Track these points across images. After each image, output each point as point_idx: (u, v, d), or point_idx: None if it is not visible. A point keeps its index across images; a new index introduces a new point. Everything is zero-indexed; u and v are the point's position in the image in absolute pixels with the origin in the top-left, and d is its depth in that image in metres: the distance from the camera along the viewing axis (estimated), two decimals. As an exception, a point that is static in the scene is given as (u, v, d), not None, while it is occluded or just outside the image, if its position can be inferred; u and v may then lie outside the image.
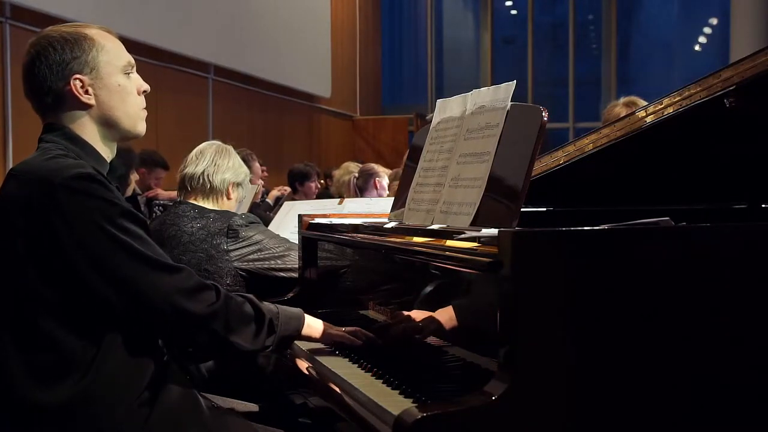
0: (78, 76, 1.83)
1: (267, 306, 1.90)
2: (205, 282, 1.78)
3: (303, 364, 2.06)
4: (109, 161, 1.90)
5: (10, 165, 5.95)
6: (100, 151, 1.87)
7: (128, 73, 1.90)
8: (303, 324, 1.99)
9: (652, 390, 1.46)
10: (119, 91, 1.87)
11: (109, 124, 1.87)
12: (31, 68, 1.85)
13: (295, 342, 2.07)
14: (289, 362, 2.13)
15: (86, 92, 1.83)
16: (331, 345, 2.08)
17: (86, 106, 1.84)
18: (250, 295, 1.92)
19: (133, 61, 1.93)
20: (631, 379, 1.46)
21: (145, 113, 1.94)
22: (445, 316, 1.78)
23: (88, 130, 1.85)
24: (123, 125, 1.88)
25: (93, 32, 1.88)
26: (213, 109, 8.53)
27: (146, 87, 1.93)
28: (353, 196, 5.15)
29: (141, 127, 1.93)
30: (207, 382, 2.37)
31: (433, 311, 1.82)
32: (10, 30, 5.94)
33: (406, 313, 1.96)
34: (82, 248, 1.67)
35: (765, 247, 1.55)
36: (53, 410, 1.67)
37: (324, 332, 2.04)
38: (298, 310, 2.01)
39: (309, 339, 2.04)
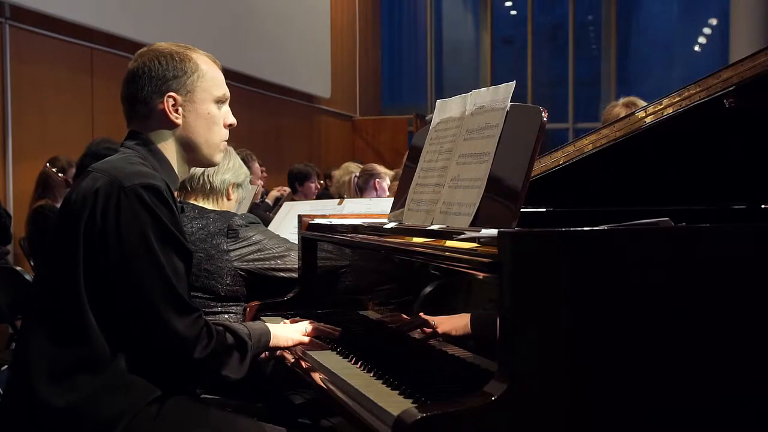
0: (173, 94, 1.90)
1: (241, 329, 1.93)
2: (202, 321, 1.81)
3: (303, 365, 2.06)
4: (180, 180, 1.97)
5: (10, 165, 5.96)
6: (175, 169, 1.93)
7: (220, 104, 1.97)
8: (270, 338, 2.02)
9: (651, 390, 1.46)
10: (207, 119, 1.94)
11: (188, 147, 1.94)
12: (133, 76, 1.92)
13: None
14: (288, 362, 2.13)
15: (176, 111, 1.90)
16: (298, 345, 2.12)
17: (173, 125, 1.92)
18: (226, 322, 1.97)
19: (228, 95, 2.00)
20: (630, 380, 1.46)
21: (225, 145, 2.01)
22: (445, 316, 1.78)
23: (168, 147, 1.93)
24: (202, 151, 1.96)
25: (200, 58, 1.95)
26: (213, 109, 8.51)
27: (233, 121, 2.00)
28: (354, 196, 5.15)
29: (218, 158, 2.00)
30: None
31: (433, 312, 1.83)
32: (9, 30, 5.93)
33: (405, 313, 1.96)
34: (121, 252, 1.73)
35: (764, 247, 1.55)
36: (66, 409, 1.70)
37: (289, 339, 2.07)
38: (263, 325, 2.04)
39: (276, 348, 2.07)
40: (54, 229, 1.86)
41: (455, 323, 1.74)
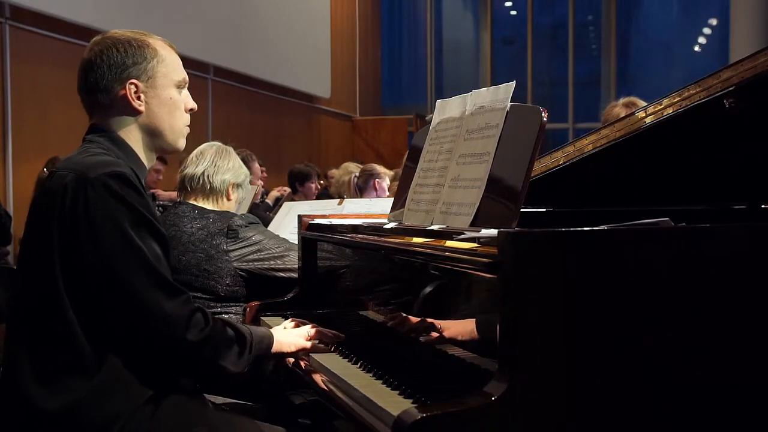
0: (134, 81, 1.87)
1: (241, 326, 1.91)
2: (195, 306, 1.78)
3: (303, 365, 2.06)
4: (148, 168, 1.94)
5: (10, 165, 5.96)
6: (140, 157, 1.91)
7: (180, 89, 1.95)
8: (273, 342, 1.99)
9: (651, 390, 1.46)
10: (169, 104, 1.91)
11: (153, 134, 1.91)
12: (90, 65, 1.88)
13: None
14: (288, 363, 2.13)
15: (138, 98, 1.87)
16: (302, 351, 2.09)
17: (135, 112, 1.88)
18: (225, 317, 1.93)
19: (187, 79, 1.98)
20: (630, 380, 1.46)
21: (187, 130, 1.98)
22: (445, 316, 1.78)
23: (132, 135, 1.90)
24: (166, 137, 1.93)
25: (156, 43, 1.92)
26: (213, 109, 8.52)
27: (194, 105, 1.98)
28: (354, 196, 5.15)
29: (181, 143, 1.97)
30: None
31: (433, 312, 1.83)
32: (9, 30, 5.93)
33: (405, 313, 1.96)
34: (96, 245, 1.70)
35: (764, 247, 1.55)
36: (59, 412, 1.67)
37: (292, 344, 2.05)
38: (266, 330, 2.02)
39: (280, 354, 2.04)
40: (26, 234, 1.83)
41: (455, 323, 1.74)
